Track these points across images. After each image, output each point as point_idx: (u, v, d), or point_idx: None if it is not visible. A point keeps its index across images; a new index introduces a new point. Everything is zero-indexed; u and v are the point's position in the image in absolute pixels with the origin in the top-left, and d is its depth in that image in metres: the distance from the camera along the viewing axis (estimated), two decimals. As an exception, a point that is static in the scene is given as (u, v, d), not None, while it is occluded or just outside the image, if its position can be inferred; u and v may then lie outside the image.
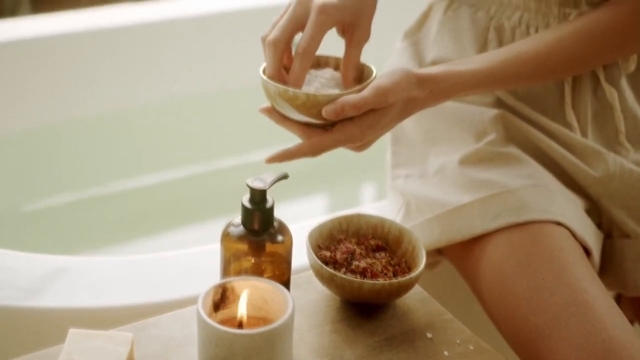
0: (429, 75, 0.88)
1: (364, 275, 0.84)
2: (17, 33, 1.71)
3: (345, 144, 0.87)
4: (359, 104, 0.83)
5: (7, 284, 0.98)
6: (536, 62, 0.94)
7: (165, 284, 1.00)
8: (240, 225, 0.78)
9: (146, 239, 1.64)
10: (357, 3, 0.90)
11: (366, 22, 0.90)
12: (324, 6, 0.87)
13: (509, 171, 0.95)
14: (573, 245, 0.91)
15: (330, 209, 1.84)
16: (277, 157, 0.87)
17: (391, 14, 2.04)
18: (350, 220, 0.92)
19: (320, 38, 0.87)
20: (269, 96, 0.87)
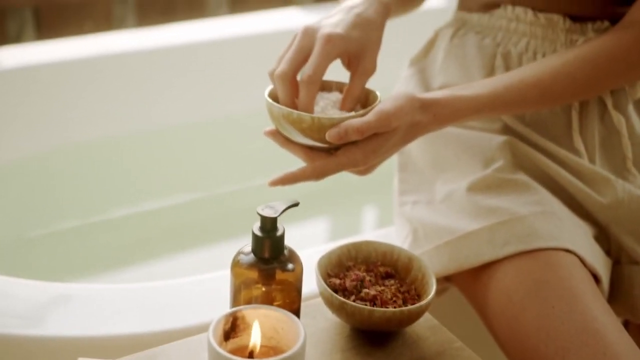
0: (432, 99, 0.89)
1: (373, 303, 0.84)
2: (22, 59, 1.72)
3: (348, 168, 0.87)
4: (362, 128, 0.83)
5: (9, 312, 0.97)
6: (540, 87, 0.94)
7: (171, 311, 1.00)
8: (250, 253, 0.78)
9: (149, 266, 1.64)
10: (363, 35, 0.90)
11: (371, 55, 0.91)
12: (329, 36, 0.87)
13: (517, 198, 0.95)
14: (583, 272, 0.90)
15: (333, 233, 1.83)
16: (281, 180, 0.87)
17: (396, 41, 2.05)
18: (359, 247, 0.92)
19: (326, 67, 0.88)
20: (273, 118, 0.88)
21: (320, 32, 0.88)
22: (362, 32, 0.91)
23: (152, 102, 1.87)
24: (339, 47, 0.88)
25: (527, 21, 1.03)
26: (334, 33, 0.88)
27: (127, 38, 1.87)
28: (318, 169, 0.87)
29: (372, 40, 0.92)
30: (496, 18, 1.06)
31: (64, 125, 1.77)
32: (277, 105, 0.86)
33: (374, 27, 0.93)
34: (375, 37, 0.92)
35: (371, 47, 0.91)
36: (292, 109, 0.87)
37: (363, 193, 1.91)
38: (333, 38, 0.87)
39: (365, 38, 0.91)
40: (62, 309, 0.98)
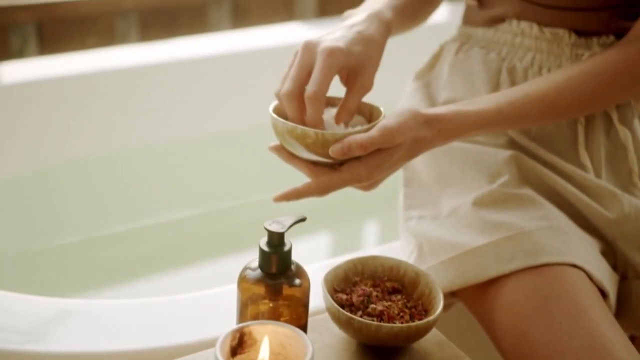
0: (436, 115, 0.89)
1: (380, 319, 0.84)
2: (25, 74, 1.72)
3: (352, 184, 0.88)
4: (365, 144, 0.83)
5: (10, 327, 0.96)
6: (545, 102, 0.94)
7: (175, 327, 0.99)
8: (257, 269, 0.78)
9: (151, 281, 1.63)
10: (363, 51, 0.91)
11: (370, 71, 0.91)
12: (331, 50, 0.88)
13: (523, 213, 0.95)
14: (590, 287, 0.90)
15: (337, 249, 1.83)
16: (285, 196, 0.88)
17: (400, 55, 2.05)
18: (365, 262, 0.91)
19: (329, 81, 0.88)
20: (277, 134, 0.88)
21: (321, 46, 0.88)
22: (363, 48, 0.91)
23: (155, 116, 1.87)
24: (340, 61, 0.88)
25: (533, 36, 1.03)
26: (335, 47, 0.88)
27: (129, 53, 1.87)
28: (322, 185, 0.87)
29: (372, 57, 0.92)
30: (501, 33, 1.06)
31: (66, 140, 1.77)
32: (282, 120, 0.86)
33: (374, 45, 0.93)
34: (375, 55, 0.93)
35: (370, 64, 0.92)
36: (301, 125, 0.87)
37: (367, 208, 1.91)
38: (335, 51, 0.88)
39: (365, 54, 0.91)
40: (63, 325, 0.97)
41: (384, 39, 0.95)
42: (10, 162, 1.70)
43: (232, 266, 1.67)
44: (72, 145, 1.77)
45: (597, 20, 1.00)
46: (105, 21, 1.93)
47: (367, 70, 0.91)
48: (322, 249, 1.82)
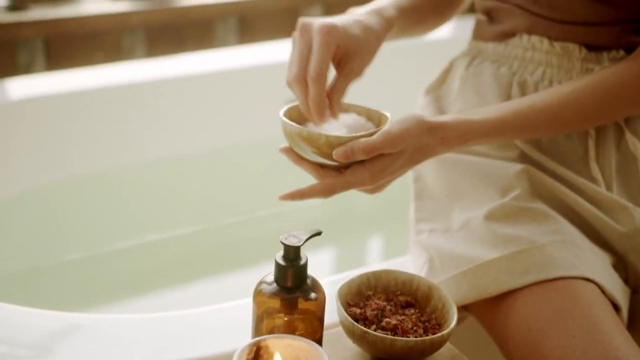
0: (440, 123, 0.90)
1: (394, 332, 0.84)
2: (32, 90, 1.73)
3: (356, 187, 0.89)
4: (367, 148, 0.85)
5: (17, 341, 0.96)
6: (549, 113, 0.95)
7: (186, 342, 0.99)
8: (273, 282, 0.78)
9: (158, 296, 1.63)
10: (360, 36, 0.93)
11: (363, 58, 0.93)
12: (328, 27, 0.90)
13: (535, 227, 0.95)
14: (603, 301, 0.90)
15: (345, 263, 1.83)
16: (290, 195, 0.90)
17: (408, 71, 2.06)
18: (378, 276, 0.92)
19: (329, 58, 0.90)
20: (286, 136, 0.90)
21: (317, 25, 0.91)
22: (360, 33, 0.94)
23: (161, 131, 1.87)
24: (337, 38, 0.90)
25: (543, 50, 1.03)
26: (331, 24, 0.91)
27: (136, 68, 1.88)
28: (326, 187, 0.89)
29: (368, 45, 0.94)
30: (512, 47, 1.07)
31: (73, 155, 1.77)
32: (290, 122, 0.89)
33: (372, 34, 0.95)
34: (371, 43, 0.95)
35: (364, 51, 0.94)
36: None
37: (376, 222, 1.91)
38: (331, 29, 0.90)
39: (362, 39, 0.93)
40: (71, 339, 0.97)
41: (383, 31, 0.97)
42: (18, 177, 1.70)
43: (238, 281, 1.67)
44: (79, 160, 1.78)
45: (607, 35, 1.01)
46: (112, 37, 1.94)
47: (361, 56, 0.93)
48: (331, 263, 1.82)
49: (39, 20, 1.81)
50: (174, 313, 1.04)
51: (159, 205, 1.86)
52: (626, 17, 1.00)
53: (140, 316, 1.03)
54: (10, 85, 1.73)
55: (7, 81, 1.74)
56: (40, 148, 1.71)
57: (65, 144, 1.75)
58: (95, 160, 1.80)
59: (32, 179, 1.72)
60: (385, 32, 0.97)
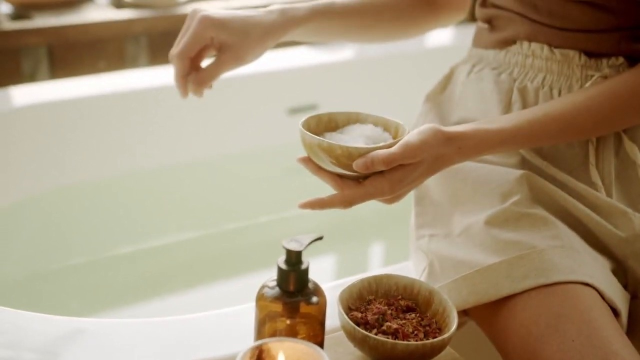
0: (457, 133, 0.91)
1: (395, 336, 0.85)
2: (36, 97, 1.74)
3: (375, 197, 0.90)
4: (388, 159, 0.86)
5: (23, 346, 0.97)
6: (563, 121, 0.96)
7: (190, 346, 1.00)
8: (275, 287, 0.79)
9: (160, 301, 1.64)
10: (240, 30, 1.02)
11: (236, 50, 1.02)
12: (202, 18, 1.01)
13: (535, 232, 0.96)
14: (602, 306, 0.90)
15: (347, 269, 1.84)
16: (310, 204, 0.90)
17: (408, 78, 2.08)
18: (379, 281, 0.92)
19: (194, 44, 1.01)
20: (305, 146, 0.91)
21: (198, 14, 1.01)
22: (241, 26, 1.02)
23: (165, 138, 1.89)
24: (208, 28, 1.00)
25: (543, 57, 1.04)
26: (207, 15, 1.01)
27: (139, 76, 1.89)
28: (347, 197, 0.90)
29: (248, 39, 1.02)
30: (512, 54, 1.08)
31: (77, 162, 1.78)
32: (309, 134, 0.90)
33: (257, 29, 1.02)
34: (253, 37, 1.02)
35: (242, 44, 1.02)
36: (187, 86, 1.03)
37: (377, 228, 1.92)
38: (204, 20, 1.00)
39: (241, 32, 1.01)
40: (75, 344, 0.98)
41: (276, 29, 1.04)
42: (21, 183, 1.71)
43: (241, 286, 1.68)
44: (83, 167, 1.79)
45: (607, 42, 1.02)
46: (115, 45, 1.95)
47: (234, 49, 1.01)
48: (334, 269, 1.83)
49: (43, 28, 1.83)
50: (177, 317, 1.05)
51: (162, 211, 1.87)
52: (625, 25, 1.01)
53: (143, 320, 1.04)
54: (15, 93, 1.74)
55: (12, 88, 1.76)
56: (44, 154, 1.73)
57: (68, 150, 1.76)
58: (99, 166, 1.81)
59: (36, 184, 1.73)
60: (281, 30, 1.04)
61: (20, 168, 1.70)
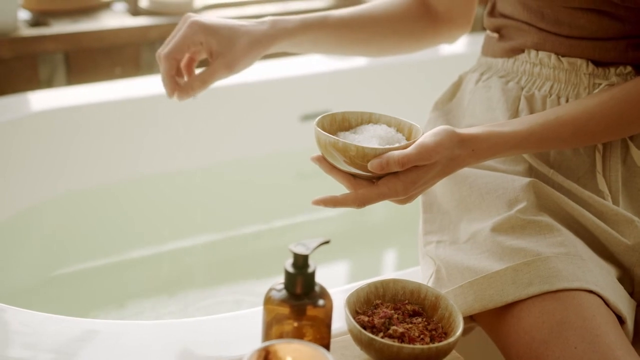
0: (471, 135, 0.92)
1: (401, 340, 0.86)
2: (53, 102, 1.76)
3: (389, 198, 0.91)
4: (402, 160, 0.87)
5: (39, 347, 0.99)
6: (575, 125, 0.97)
7: (201, 347, 1.01)
8: (282, 289, 0.80)
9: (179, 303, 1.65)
10: (228, 38, 1.05)
11: (228, 58, 1.05)
12: (193, 22, 1.04)
13: (541, 239, 0.96)
14: (606, 313, 0.91)
15: (358, 274, 1.85)
16: (323, 201, 0.91)
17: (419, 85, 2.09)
18: (386, 285, 0.94)
19: (182, 46, 1.04)
20: (320, 146, 0.92)
21: (189, 19, 1.05)
22: (230, 34, 1.05)
23: (180, 143, 1.90)
24: (197, 33, 1.04)
25: (551, 65, 1.05)
26: (197, 21, 1.04)
27: (154, 82, 1.91)
28: (360, 197, 0.90)
29: (236, 47, 1.05)
30: (520, 62, 1.09)
31: (93, 166, 1.80)
32: (325, 133, 0.91)
33: (246, 37, 1.05)
34: (241, 46, 1.05)
35: (230, 52, 1.04)
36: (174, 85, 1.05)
37: (390, 234, 1.93)
38: (193, 24, 1.04)
39: (229, 40, 1.04)
40: (90, 344, 1.00)
41: (266, 39, 1.07)
42: (38, 187, 1.73)
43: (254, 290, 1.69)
44: (98, 170, 1.81)
45: (614, 50, 1.03)
46: (131, 51, 1.97)
47: (224, 55, 1.04)
48: (345, 274, 1.84)
49: (60, 34, 1.85)
50: (188, 320, 1.06)
51: (177, 215, 1.88)
52: (633, 33, 1.02)
53: (154, 322, 1.06)
54: (32, 98, 1.77)
55: (29, 94, 1.78)
56: (60, 158, 1.75)
57: (84, 154, 1.78)
58: (115, 170, 1.83)
59: (52, 188, 1.75)
60: (270, 40, 1.07)
61: (36, 171, 1.73)
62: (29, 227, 1.72)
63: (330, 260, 1.82)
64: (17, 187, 1.70)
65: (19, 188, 1.70)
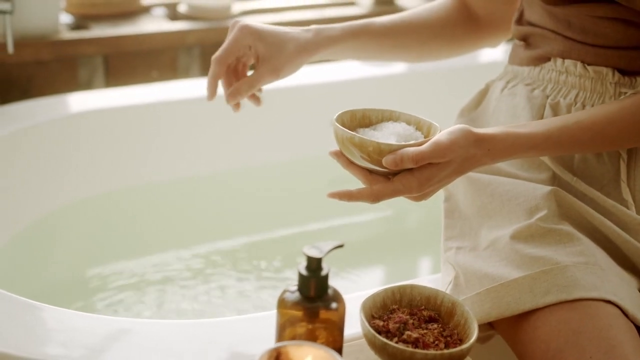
0: (487, 135, 0.93)
1: (415, 346, 0.86)
2: (91, 104, 1.80)
3: (403, 194, 0.92)
4: (417, 157, 0.88)
5: (74, 344, 1.01)
6: (594, 130, 0.97)
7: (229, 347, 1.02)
8: (296, 292, 0.81)
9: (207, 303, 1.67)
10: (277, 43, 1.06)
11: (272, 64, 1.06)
12: (241, 27, 1.07)
13: (560, 248, 0.96)
14: (623, 323, 0.90)
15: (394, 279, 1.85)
16: (338, 194, 0.92)
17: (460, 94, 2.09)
18: (403, 291, 0.94)
19: (233, 50, 1.07)
20: (338, 141, 0.94)
21: (238, 23, 1.07)
22: (278, 39, 1.06)
23: (215, 146, 1.93)
24: (246, 36, 1.06)
25: (577, 74, 1.05)
26: (247, 25, 1.06)
27: (191, 86, 1.93)
28: (375, 192, 0.91)
29: (283, 52, 1.06)
30: (546, 71, 1.08)
31: (130, 167, 1.83)
32: (342, 128, 0.92)
33: (292, 43, 1.07)
34: (288, 51, 1.06)
35: (277, 57, 1.06)
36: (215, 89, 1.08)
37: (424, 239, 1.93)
38: (243, 28, 1.07)
39: (277, 45, 1.06)
40: (122, 342, 1.02)
41: (311, 46, 1.08)
42: (77, 185, 1.77)
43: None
44: (135, 171, 1.84)
45: (640, 60, 1.02)
46: (169, 55, 2.00)
47: (270, 62, 1.06)
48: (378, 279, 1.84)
49: (100, 38, 1.89)
50: (217, 319, 1.08)
51: (213, 215, 1.90)
52: (659, 43, 1.01)
53: (184, 322, 1.08)
54: (72, 99, 1.80)
55: (69, 95, 1.82)
56: (98, 158, 1.78)
57: (122, 154, 1.82)
58: (150, 171, 1.86)
59: (90, 187, 1.79)
60: (315, 47, 1.08)
61: (74, 171, 1.76)
62: (66, 226, 1.76)
63: (365, 264, 1.82)
64: (56, 185, 1.74)
65: (58, 186, 1.74)
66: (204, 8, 2.05)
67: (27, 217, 1.69)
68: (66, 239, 1.76)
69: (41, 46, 1.81)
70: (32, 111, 1.71)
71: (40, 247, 1.70)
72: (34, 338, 1.02)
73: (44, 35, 1.83)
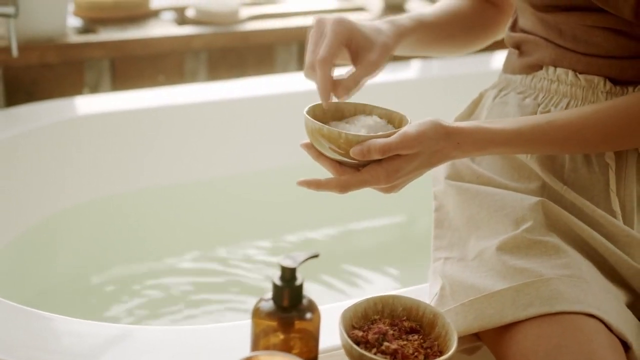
0: (457, 128, 0.93)
1: (394, 357, 0.85)
2: (98, 107, 1.81)
3: (371, 185, 0.92)
4: (383, 148, 0.88)
5: (72, 351, 1.02)
6: (568, 130, 0.96)
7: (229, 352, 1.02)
8: (270, 301, 0.81)
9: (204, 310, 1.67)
10: (371, 33, 1.00)
11: (376, 51, 0.99)
12: (340, 18, 0.97)
13: (545, 260, 0.95)
14: (606, 338, 0.89)
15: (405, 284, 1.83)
16: (307, 183, 0.93)
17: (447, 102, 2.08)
18: (385, 301, 0.93)
19: (337, 45, 0.96)
20: (308, 132, 0.94)
21: (331, 17, 0.98)
22: (371, 31, 1.00)
23: (220, 151, 1.93)
24: (347, 29, 0.97)
25: (568, 82, 1.04)
26: (343, 17, 0.98)
27: (198, 90, 1.94)
28: (342, 182, 0.92)
29: (380, 41, 1.00)
30: (538, 79, 1.07)
31: (135, 170, 1.84)
32: (312, 119, 0.93)
33: (382, 34, 1.01)
34: (382, 41, 1.00)
35: (378, 46, 0.99)
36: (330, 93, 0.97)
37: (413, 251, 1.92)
38: (342, 21, 0.97)
39: (373, 35, 1.00)
40: (121, 348, 1.02)
41: (393, 36, 1.02)
42: (81, 188, 1.78)
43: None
44: (140, 174, 1.85)
45: (632, 69, 1.00)
46: (175, 59, 2.01)
47: (374, 49, 0.99)
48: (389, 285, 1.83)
49: (107, 41, 1.90)
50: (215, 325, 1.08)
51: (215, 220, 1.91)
52: (651, 52, 1.00)
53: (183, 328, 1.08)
54: (78, 102, 1.82)
55: (75, 98, 1.83)
56: (104, 161, 1.79)
57: (127, 158, 1.83)
58: (155, 174, 1.87)
59: (93, 190, 1.80)
60: (395, 37, 1.03)
61: (79, 173, 1.77)
62: (68, 230, 1.77)
63: (377, 270, 1.82)
64: (58, 188, 1.75)
65: (62, 188, 1.75)
66: (212, 13, 2.05)
67: (29, 220, 1.70)
68: (67, 242, 1.77)
69: (47, 49, 1.82)
70: (36, 114, 1.73)
71: (41, 249, 1.71)
72: (31, 345, 1.03)
73: (50, 39, 1.84)
